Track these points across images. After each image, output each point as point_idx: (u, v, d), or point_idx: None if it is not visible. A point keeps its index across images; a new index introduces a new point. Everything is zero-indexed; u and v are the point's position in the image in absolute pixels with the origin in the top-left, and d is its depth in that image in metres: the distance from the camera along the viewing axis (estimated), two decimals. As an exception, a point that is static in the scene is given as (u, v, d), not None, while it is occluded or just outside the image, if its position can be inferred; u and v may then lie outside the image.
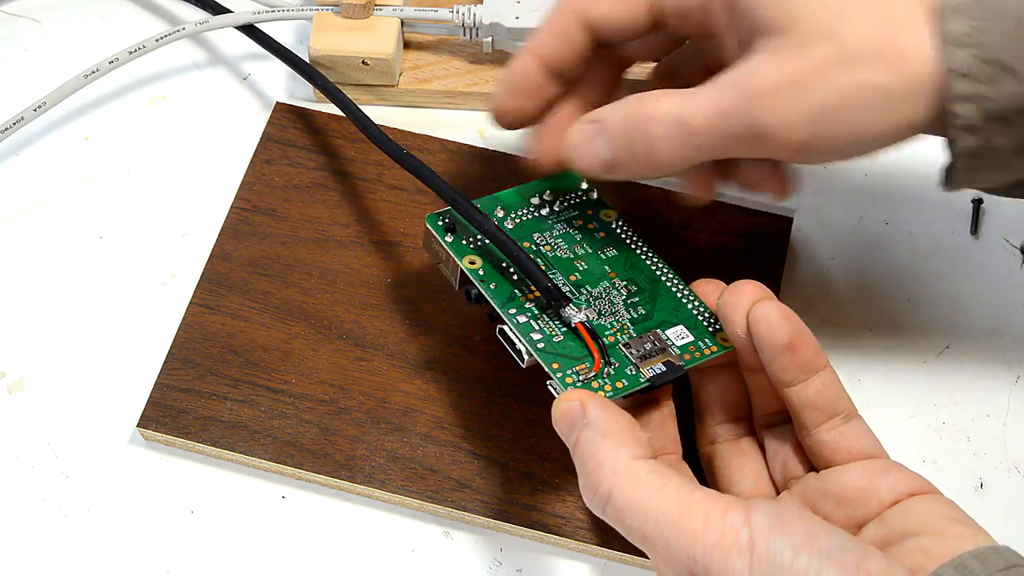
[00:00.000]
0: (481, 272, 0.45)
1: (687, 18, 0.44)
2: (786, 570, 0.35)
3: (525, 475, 0.47)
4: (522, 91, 0.47)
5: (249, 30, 0.57)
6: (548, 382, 0.43)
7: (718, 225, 0.53)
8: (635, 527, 0.38)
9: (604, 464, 0.38)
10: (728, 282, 0.44)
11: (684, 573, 0.37)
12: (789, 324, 0.42)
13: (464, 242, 0.46)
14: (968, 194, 0.55)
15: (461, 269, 0.45)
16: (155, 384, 0.49)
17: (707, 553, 0.36)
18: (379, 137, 0.51)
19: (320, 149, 0.55)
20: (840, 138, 0.40)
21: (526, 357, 0.43)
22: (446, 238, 0.46)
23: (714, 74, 0.42)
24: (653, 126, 0.42)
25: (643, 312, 0.45)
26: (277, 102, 0.57)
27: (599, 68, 0.48)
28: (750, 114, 0.40)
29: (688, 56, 0.49)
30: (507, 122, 0.48)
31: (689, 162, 0.43)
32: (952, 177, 0.41)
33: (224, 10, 0.57)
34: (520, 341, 0.43)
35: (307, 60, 0.56)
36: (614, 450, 0.39)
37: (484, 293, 0.45)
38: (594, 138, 0.44)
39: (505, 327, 0.44)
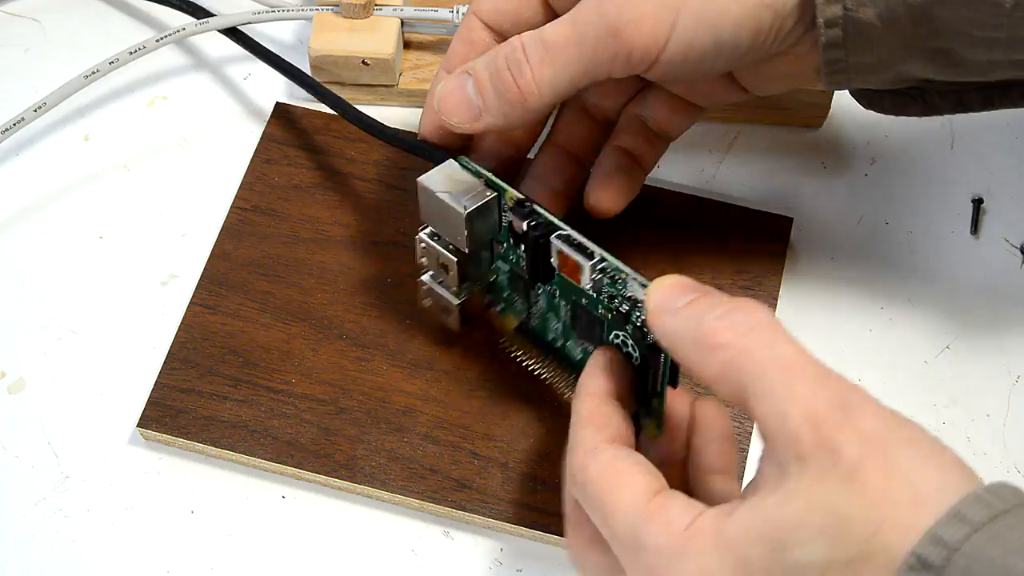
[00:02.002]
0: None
1: None
2: None
3: (525, 475, 0.47)
4: None
5: (232, 33, 0.56)
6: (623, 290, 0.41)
7: (718, 225, 0.53)
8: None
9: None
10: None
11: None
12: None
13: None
14: (968, 194, 0.55)
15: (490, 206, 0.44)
16: (155, 384, 0.49)
17: None
18: (379, 129, 0.50)
19: (320, 149, 0.55)
20: (694, 26, 0.40)
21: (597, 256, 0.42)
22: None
23: None
24: (517, 53, 0.42)
25: None
26: (277, 102, 0.57)
27: None
28: (603, 14, 0.40)
29: None
30: (438, 139, 0.47)
31: (556, 86, 0.42)
32: (826, 61, 0.41)
33: (207, 14, 0.57)
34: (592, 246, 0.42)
35: (297, 63, 0.56)
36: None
37: (542, 211, 0.43)
38: (462, 86, 0.44)
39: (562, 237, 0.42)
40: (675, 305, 0.37)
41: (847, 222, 0.55)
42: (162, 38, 0.56)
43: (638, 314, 0.41)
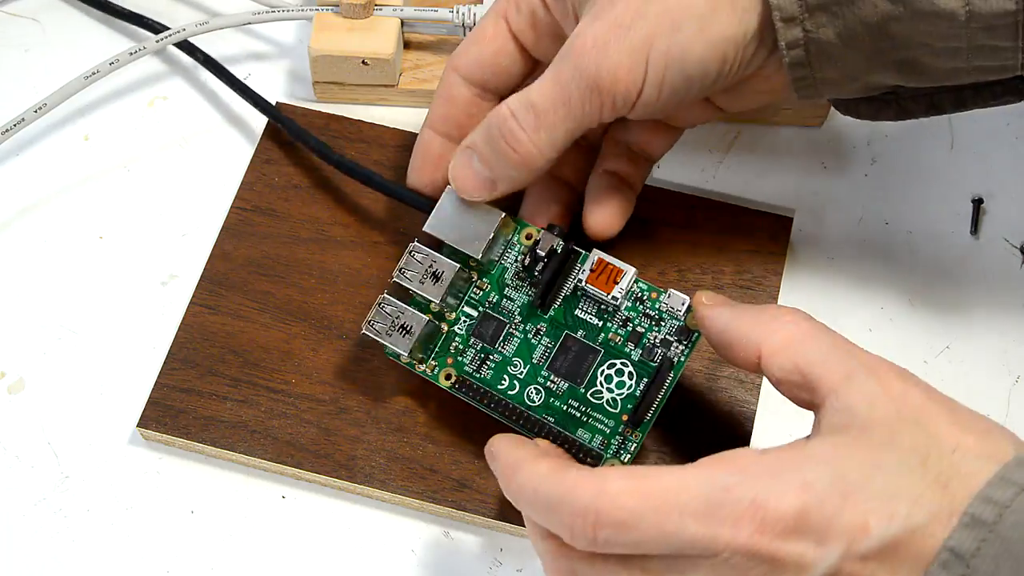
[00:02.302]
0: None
1: (538, 27, 0.46)
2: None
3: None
4: (430, 163, 0.49)
5: (213, 67, 0.57)
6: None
7: (718, 225, 0.53)
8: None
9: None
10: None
11: None
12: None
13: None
14: (968, 194, 0.55)
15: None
16: (155, 384, 0.49)
17: None
18: (344, 164, 0.52)
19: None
20: (663, 67, 0.42)
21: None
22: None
23: None
24: (509, 123, 0.45)
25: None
26: (277, 102, 0.57)
27: None
28: (582, 71, 0.43)
29: None
30: (428, 192, 0.50)
31: (555, 144, 0.45)
32: (793, 78, 0.43)
33: (162, 28, 0.57)
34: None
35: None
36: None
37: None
38: (468, 162, 0.46)
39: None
40: (727, 302, 0.42)
41: (847, 222, 0.55)
42: (162, 38, 0.56)
43: (675, 322, 0.45)
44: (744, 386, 0.49)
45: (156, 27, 0.58)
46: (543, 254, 0.46)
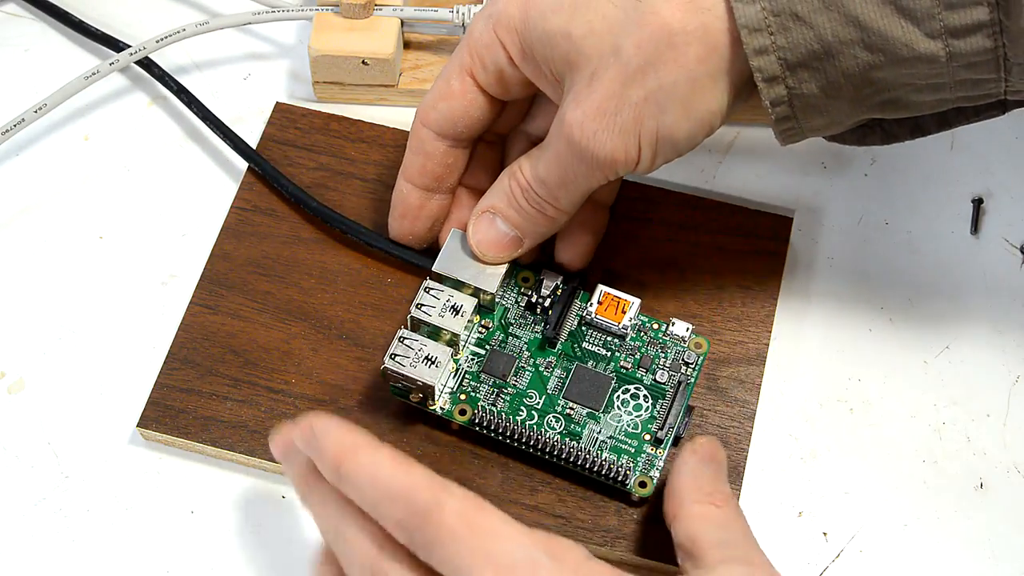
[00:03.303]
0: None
1: (508, 82, 0.47)
2: None
3: (525, 475, 0.47)
4: (408, 216, 0.50)
5: (193, 106, 0.57)
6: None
7: (718, 225, 0.53)
8: None
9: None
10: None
11: None
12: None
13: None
14: (968, 194, 0.55)
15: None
16: (155, 384, 0.49)
17: None
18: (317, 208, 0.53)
19: (320, 149, 0.55)
20: (654, 145, 0.44)
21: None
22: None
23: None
24: (528, 194, 0.47)
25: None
26: (277, 102, 0.57)
27: (477, 158, 0.51)
28: (580, 154, 0.44)
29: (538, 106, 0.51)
30: (410, 243, 0.51)
31: (574, 203, 0.47)
32: (779, 130, 0.44)
33: (124, 46, 0.57)
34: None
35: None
36: None
37: None
38: (493, 225, 0.48)
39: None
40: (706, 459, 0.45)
41: (847, 222, 0.55)
42: (162, 39, 0.56)
43: (680, 348, 0.48)
44: (744, 386, 0.49)
45: (116, 44, 0.58)
46: (547, 293, 0.49)
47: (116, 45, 0.58)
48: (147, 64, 0.57)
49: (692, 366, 0.48)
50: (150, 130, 0.58)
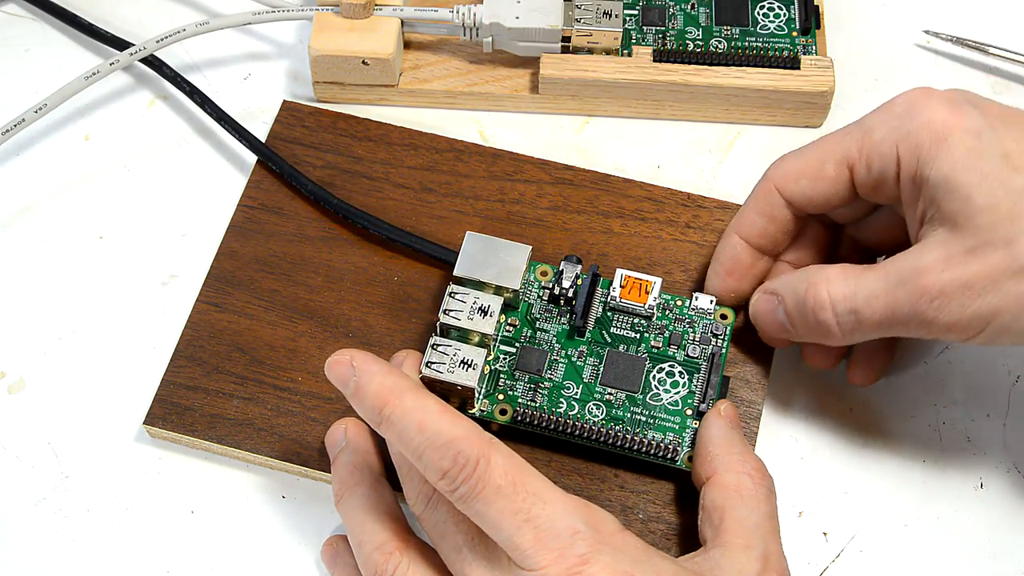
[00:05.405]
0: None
1: (880, 190, 0.45)
2: None
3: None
4: (735, 273, 0.49)
5: (207, 107, 0.57)
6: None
7: (718, 225, 0.53)
8: None
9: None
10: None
11: None
12: None
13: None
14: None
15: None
16: (161, 381, 0.49)
17: None
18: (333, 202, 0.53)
19: (327, 147, 0.55)
20: (1007, 337, 0.42)
21: None
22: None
23: (893, 234, 0.47)
24: (826, 313, 0.45)
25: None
26: (284, 100, 0.57)
27: (806, 233, 0.50)
28: (919, 311, 0.42)
29: (882, 215, 0.49)
30: (728, 302, 0.50)
31: (858, 340, 0.45)
32: None
33: (125, 45, 0.57)
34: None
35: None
36: None
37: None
38: (774, 310, 0.47)
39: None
40: (733, 424, 0.46)
41: (847, 223, 0.55)
42: (162, 39, 0.55)
43: (707, 321, 0.49)
44: (750, 386, 0.49)
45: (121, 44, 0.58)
46: (568, 284, 0.49)
47: (116, 45, 0.58)
48: (157, 64, 0.57)
49: (721, 337, 0.48)
50: (150, 130, 0.58)
